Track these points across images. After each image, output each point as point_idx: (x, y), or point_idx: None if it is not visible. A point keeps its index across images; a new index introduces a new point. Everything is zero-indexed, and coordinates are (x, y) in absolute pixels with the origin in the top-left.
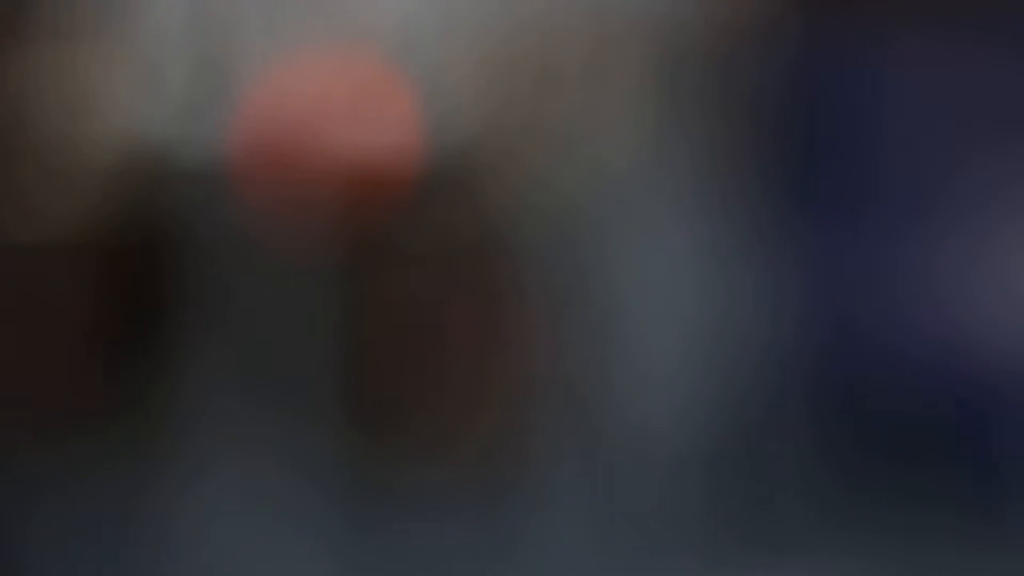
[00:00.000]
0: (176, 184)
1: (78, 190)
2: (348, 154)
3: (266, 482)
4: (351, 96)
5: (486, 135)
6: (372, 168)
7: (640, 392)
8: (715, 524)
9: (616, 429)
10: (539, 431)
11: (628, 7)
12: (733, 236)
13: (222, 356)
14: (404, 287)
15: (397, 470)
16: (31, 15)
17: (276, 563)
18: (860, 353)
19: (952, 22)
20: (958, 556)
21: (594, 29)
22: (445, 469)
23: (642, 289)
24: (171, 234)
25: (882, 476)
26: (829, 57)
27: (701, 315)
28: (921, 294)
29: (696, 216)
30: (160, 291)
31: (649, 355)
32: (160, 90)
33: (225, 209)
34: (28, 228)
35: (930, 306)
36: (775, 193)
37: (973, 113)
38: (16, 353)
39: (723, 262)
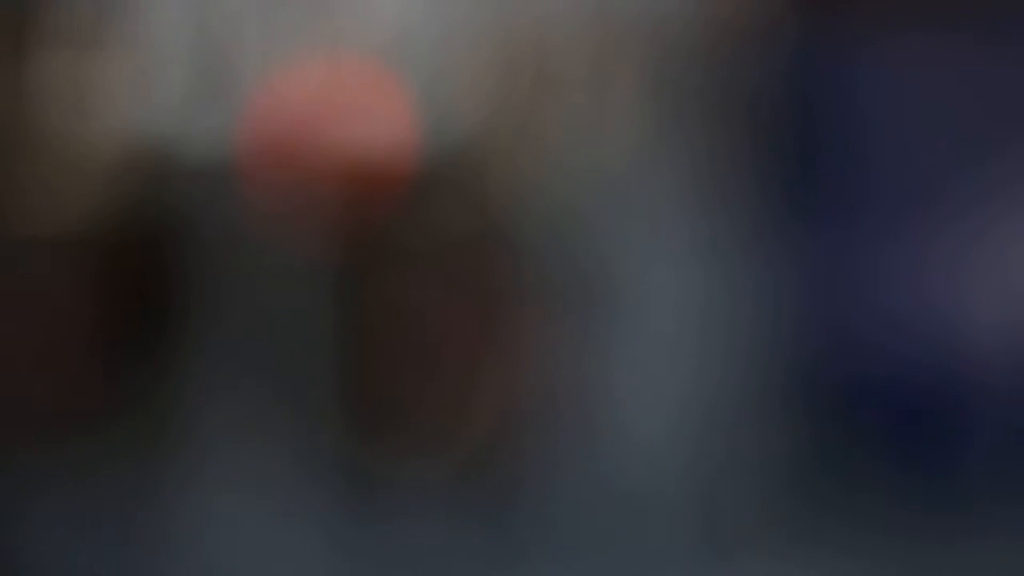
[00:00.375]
0: (179, 182)
1: (83, 188)
2: (349, 153)
3: (266, 478)
4: (352, 96)
5: (485, 134)
6: (372, 167)
7: (637, 389)
8: (712, 521)
9: (612, 427)
10: (536, 427)
11: (627, 7)
12: (731, 235)
13: (223, 352)
14: (405, 284)
15: (396, 466)
16: (38, 18)
17: (275, 558)
18: (857, 351)
19: (948, 22)
20: (952, 554)
21: (593, 29)
22: (444, 466)
23: (639, 287)
24: (174, 231)
25: (878, 475)
26: (827, 57)
27: (699, 313)
28: (917, 293)
29: (694, 215)
30: (162, 287)
31: (646, 352)
32: (164, 90)
33: (228, 207)
34: (35, 224)
35: (926, 305)
36: (773, 192)
37: (969, 113)
38: (19, 348)
39: (721, 261)
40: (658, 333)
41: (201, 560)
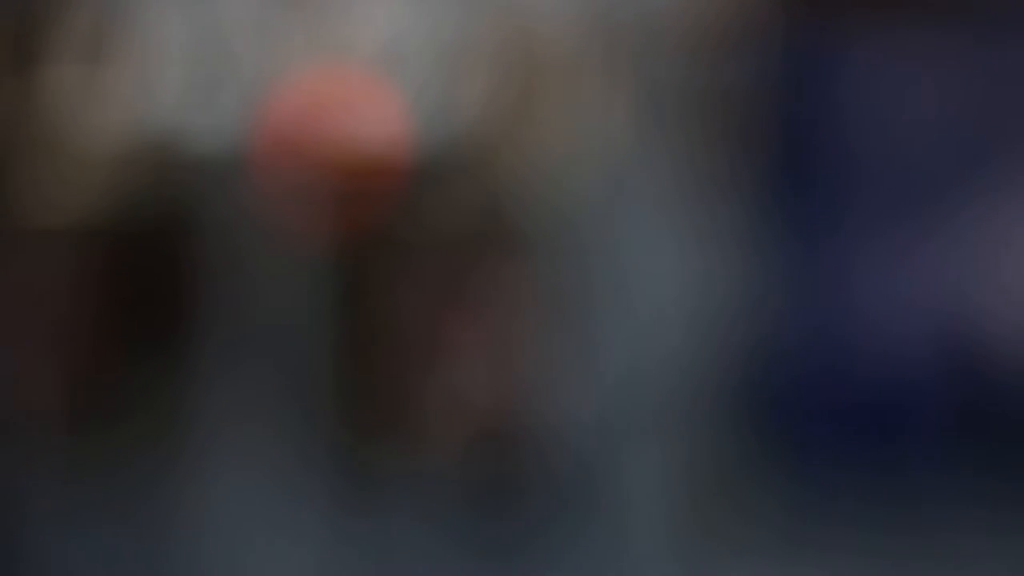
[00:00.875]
0: (185, 177)
1: (91, 182)
2: (348, 150)
3: (270, 470)
4: (351, 94)
5: (481, 132)
6: (371, 164)
7: (628, 385)
8: (703, 519)
9: (605, 423)
10: (531, 422)
11: (620, 6)
12: (722, 231)
13: (227, 343)
14: (404, 278)
15: (396, 460)
16: (47, 21)
17: (277, 551)
18: (844, 349)
19: (941, 22)
20: (932, 551)
21: (586, 27)
22: (443, 460)
23: (631, 282)
24: (180, 224)
25: (852, 473)
26: (819, 54)
27: (689, 308)
28: (903, 291)
29: (687, 211)
30: (167, 280)
31: (637, 347)
32: (170, 89)
33: (232, 202)
34: (45, 217)
35: (913, 303)
36: (764, 190)
37: (960, 113)
38: (26, 339)
39: (713, 257)
40: (649, 327)
41: (204, 553)
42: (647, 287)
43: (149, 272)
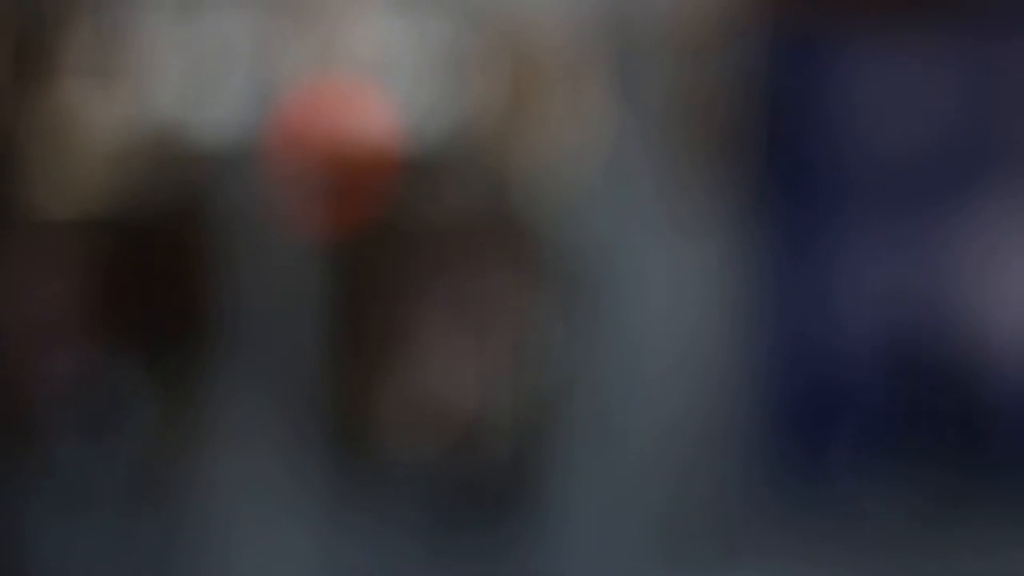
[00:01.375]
0: (190, 173)
1: (99, 177)
2: (348, 147)
3: (271, 459)
4: (351, 93)
5: (476, 130)
6: (369, 161)
7: (622, 382)
8: (684, 521)
9: (601, 420)
10: (531, 417)
11: (616, 4)
12: (714, 227)
13: (229, 335)
14: (403, 273)
15: (394, 451)
16: (61, 25)
17: (274, 538)
18: (835, 352)
19: (931, 21)
20: (918, 564)
21: (580, 26)
22: (439, 452)
23: (620, 276)
24: (184, 218)
25: (843, 481)
26: (811, 54)
27: (679, 303)
28: (898, 291)
29: (676, 206)
30: (173, 271)
31: (629, 347)
32: (176, 87)
33: (235, 196)
34: (55, 210)
35: (904, 304)
36: (757, 187)
37: (949, 112)
38: (31, 330)
39: (702, 252)
40: (644, 324)
41: (204, 543)
42: (642, 285)
43: (154, 264)
